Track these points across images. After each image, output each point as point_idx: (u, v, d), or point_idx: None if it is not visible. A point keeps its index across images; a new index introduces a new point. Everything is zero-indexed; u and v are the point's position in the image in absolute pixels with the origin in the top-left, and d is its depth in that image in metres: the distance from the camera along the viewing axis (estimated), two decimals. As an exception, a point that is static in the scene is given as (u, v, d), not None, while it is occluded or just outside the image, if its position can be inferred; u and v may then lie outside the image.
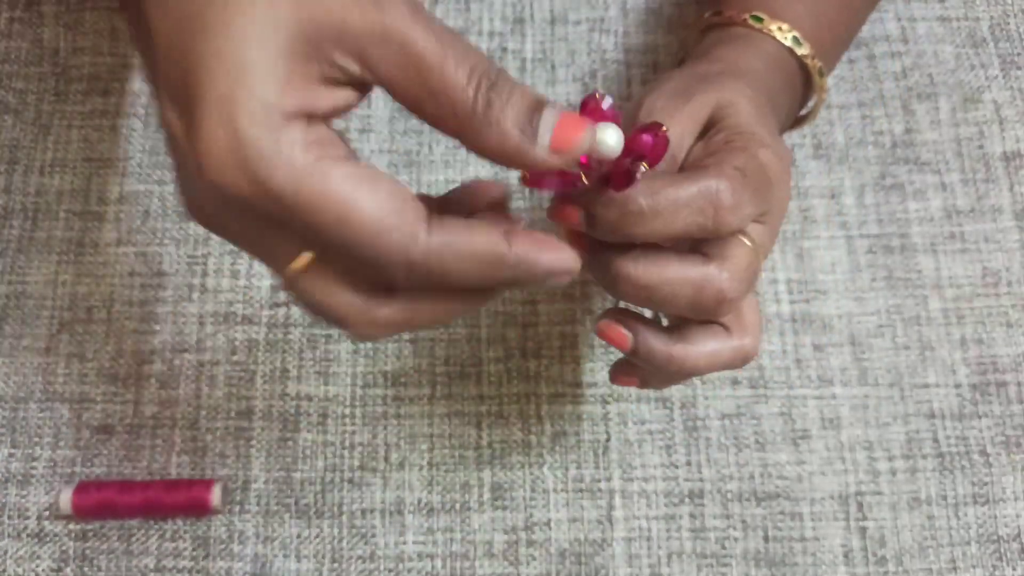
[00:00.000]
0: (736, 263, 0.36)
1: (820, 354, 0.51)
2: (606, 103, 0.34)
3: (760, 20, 0.44)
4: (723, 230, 0.35)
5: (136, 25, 0.33)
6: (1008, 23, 0.57)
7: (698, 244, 0.37)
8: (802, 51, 0.44)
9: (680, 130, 0.38)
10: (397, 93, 0.30)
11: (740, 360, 0.39)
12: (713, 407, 0.50)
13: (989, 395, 0.50)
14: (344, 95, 0.31)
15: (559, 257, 0.32)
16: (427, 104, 0.30)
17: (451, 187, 0.53)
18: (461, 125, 0.31)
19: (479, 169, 0.54)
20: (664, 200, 0.35)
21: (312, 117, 0.30)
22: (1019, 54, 0.57)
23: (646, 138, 0.34)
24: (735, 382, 0.50)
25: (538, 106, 0.31)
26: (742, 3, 0.45)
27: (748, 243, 0.37)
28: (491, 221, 0.32)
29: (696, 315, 0.37)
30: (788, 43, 0.44)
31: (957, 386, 0.50)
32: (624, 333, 0.38)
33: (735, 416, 0.50)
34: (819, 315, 0.52)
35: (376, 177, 0.30)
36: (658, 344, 0.38)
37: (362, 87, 0.31)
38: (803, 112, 0.48)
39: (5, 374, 0.50)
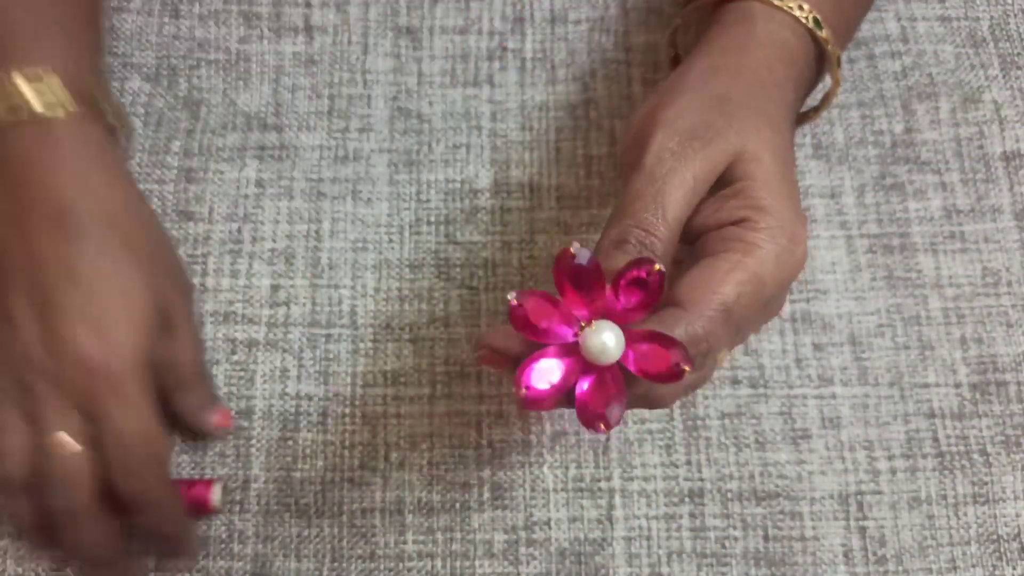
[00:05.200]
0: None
1: (820, 353, 0.51)
2: (582, 257, 0.32)
3: None
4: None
5: None
6: (1008, 23, 0.58)
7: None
8: (823, 34, 0.41)
9: (693, 182, 0.36)
10: None
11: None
12: (713, 406, 0.50)
13: (989, 395, 0.50)
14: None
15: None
16: None
17: (451, 186, 0.53)
18: None
19: (479, 168, 0.54)
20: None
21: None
22: (1019, 54, 0.57)
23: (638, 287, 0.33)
24: (735, 381, 0.50)
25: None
26: None
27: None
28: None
29: None
30: (809, 24, 0.41)
31: (957, 386, 0.50)
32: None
33: (735, 415, 0.50)
34: (819, 315, 0.52)
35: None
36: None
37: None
38: (812, 105, 0.46)
39: (5, 373, 0.49)
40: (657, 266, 0.32)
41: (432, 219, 0.53)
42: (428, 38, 0.57)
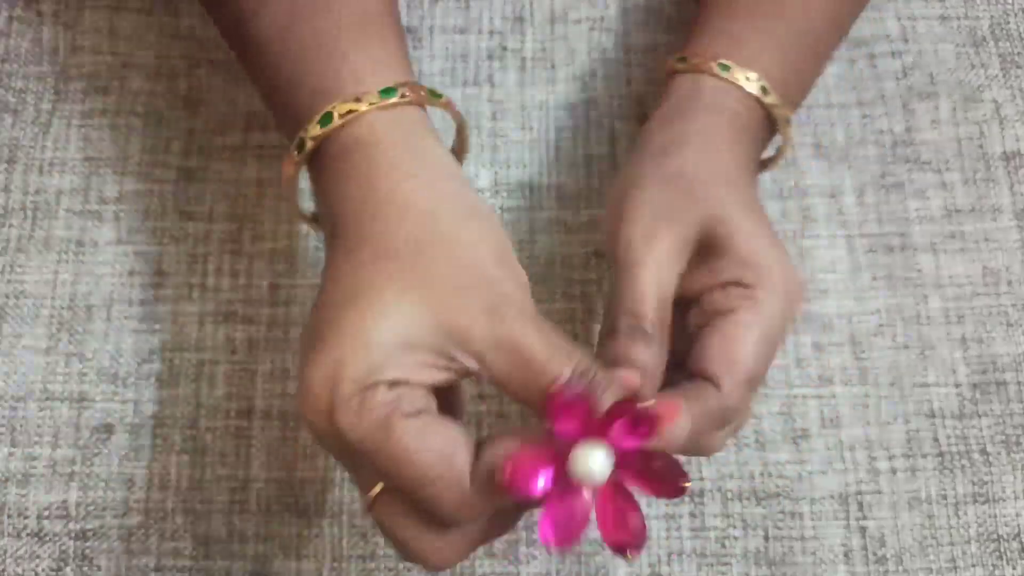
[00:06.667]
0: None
1: (820, 353, 0.51)
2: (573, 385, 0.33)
3: (727, 69, 0.43)
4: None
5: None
6: (1008, 22, 0.57)
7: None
8: (769, 100, 0.43)
9: (666, 260, 0.38)
10: (509, 390, 0.35)
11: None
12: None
13: (989, 394, 0.50)
14: (447, 377, 0.35)
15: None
16: (536, 400, 0.34)
17: (451, 186, 0.53)
18: None
19: (479, 168, 0.54)
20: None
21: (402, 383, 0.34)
22: (1019, 53, 0.57)
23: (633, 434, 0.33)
24: (735, 381, 0.50)
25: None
26: (708, 44, 0.45)
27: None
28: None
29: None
30: (755, 92, 0.43)
31: (957, 385, 0.50)
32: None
33: (735, 415, 0.50)
34: (819, 314, 0.52)
35: (432, 432, 0.34)
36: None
37: (467, 372, 0.35)
38: (765, 156, 0.47)
39: (5, 373, 0.50)
40: (643, 405, 0.33)
41: (432, 219, 0.53)
42: (428, 37, 0.57)
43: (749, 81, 0.43)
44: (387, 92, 0.39)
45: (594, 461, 0.32)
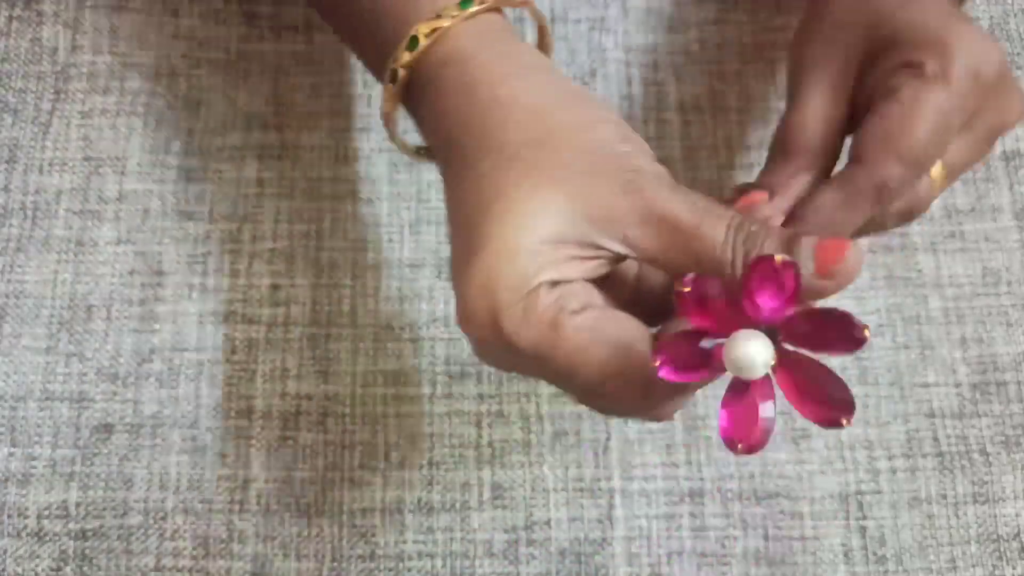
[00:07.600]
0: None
1: (819, 353, 0.51)
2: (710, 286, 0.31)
3: None
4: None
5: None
6: (1008, 23, 0.57)
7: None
8: None
9: (828, 82, 0.39)
10: (660, 263, 0.34)
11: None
12: (713, 406, 0.50)
13: (989, 394, 0.50)
14: (598, 265, 0.34)
15: None
16: (691, 268, 0.32)
17: (451, 186, 0.53)
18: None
19: (479, 168, 0.54)
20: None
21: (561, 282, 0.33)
22: (1019, 54, 0.57)
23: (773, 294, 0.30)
24: (735, 381, 0.50)
25: (794, 240, 0.32)
26: None
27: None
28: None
29: None
30: None
31: (957, 385, 0.50)
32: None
33: (735, 415, 0.50)
34: (819, 314, 0.52)
35: (605, 324, 0.33)
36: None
37: (618, 258, 0.34)
38: None
39: (4, 373, 0.49)
40: (779, 258, 0.30)
41: (432, 218, 0.53)
42: (428, 38, 0.57)
43: None
44: (465, 3, 0.38)
45: (749, 350, 0.30)
